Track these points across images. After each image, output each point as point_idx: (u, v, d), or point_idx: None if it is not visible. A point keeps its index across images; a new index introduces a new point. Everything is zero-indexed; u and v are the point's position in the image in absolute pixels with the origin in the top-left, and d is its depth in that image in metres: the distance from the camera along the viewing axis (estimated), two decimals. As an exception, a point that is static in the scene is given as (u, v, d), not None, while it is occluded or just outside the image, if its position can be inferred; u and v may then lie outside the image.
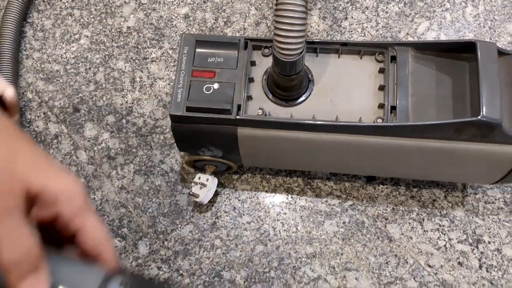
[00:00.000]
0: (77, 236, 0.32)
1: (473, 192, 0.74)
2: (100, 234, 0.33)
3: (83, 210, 0.32)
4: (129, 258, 0.72)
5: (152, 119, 0.80)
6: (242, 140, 0.63)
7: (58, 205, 0.31)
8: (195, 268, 0.71)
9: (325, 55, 0.64)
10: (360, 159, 0.64)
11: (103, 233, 0.33)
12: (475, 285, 0.69)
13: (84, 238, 0.32)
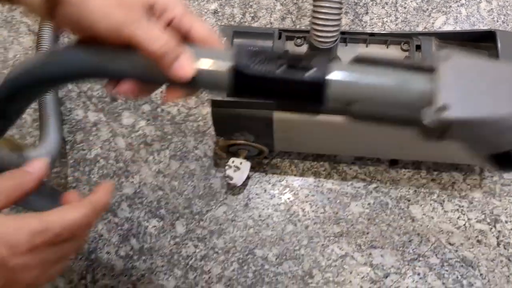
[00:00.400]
0: (191, 32, 0.39)
1: (490, 175, 0.79)
2: (207, 27, 0.40)
3: (188, 12, 0.39)
4: (167, 237, 0.77)
5: (185, 108, 0.84)
6: (277, 123, 0.67)
7: (169, 11, 0.38)
8: (229, 246, 0.76)
9: (354, 44, 0.69)
10: (387, 141, 0.68)
11: (210, 28, 0.40)
12: (494, 262, 0.74)
13: (197, 32, 0.39)
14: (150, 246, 0.76)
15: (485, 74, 0.33)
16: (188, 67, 0.37)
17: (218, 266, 0.75)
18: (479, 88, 0.33)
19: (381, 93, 0.34)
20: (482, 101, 0.32)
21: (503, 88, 0.33)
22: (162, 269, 0.75)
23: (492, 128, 0.33)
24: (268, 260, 0.75)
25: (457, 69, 0.33)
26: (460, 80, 0.33)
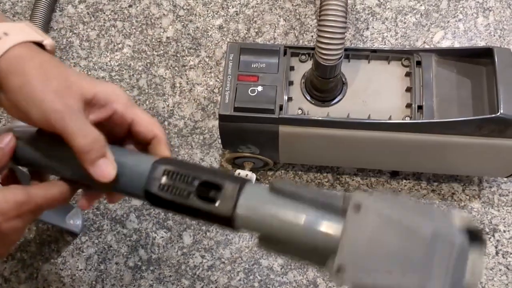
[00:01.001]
0: (132, 125, 0.41)
1: (489, 186, 0.81)
2: (150, 118, 0.41)
3: (131, 104, 0.40)
4: (175, 247, 0.79)
5: (192, 121, 0.87)
6: (283, 137, 0.70)
7: (110, 104, 0.39)
8: (236, 257, 0.78)
9: (356, 60, 0.71)
10: (389, 154, 0.71)
11: (152, 118, 0.41)
12: (493, 270, 0.76)
13: (139, 124, 0.40)
14: (158, 256, 0.78)
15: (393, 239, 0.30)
16: (110, 168, 0.38)
17: (224, 276, 0.77)
18: (383, 253, 0.30)
19: (287, 234, 0.33)
20: (383, 268, 0.30)
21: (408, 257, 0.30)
22: (170, 279, 0.77)
23: None
24: (273, 270, 0.77)
25: (364, 226, 0.31)
26: (364, 240, 0.30)
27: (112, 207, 0.82)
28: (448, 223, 0.31)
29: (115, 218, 0.81)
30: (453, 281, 0.29)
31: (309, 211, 0.33)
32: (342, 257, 0.31)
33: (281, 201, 0.34)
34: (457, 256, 0.30)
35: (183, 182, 0.36)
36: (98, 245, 0.79)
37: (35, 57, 0.37)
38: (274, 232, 0.33)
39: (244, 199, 0.35)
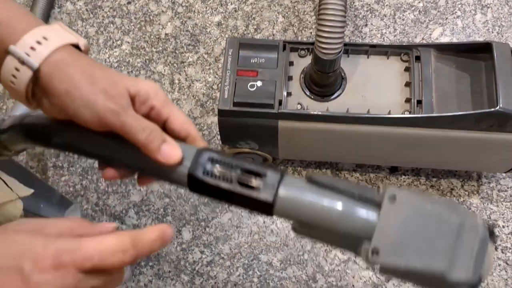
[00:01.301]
0: (168, 123, 0.41)
1: (487, 182, 0.81)
2: (184, 117, 0.41)
3: (168, 102, 0.41)
4: (174, 243, 0.78)
5: (190, 117, 0.87)
6: (282, 132, 0.70)
7: (150, 100, 0.40)
8: (235, 252, 0.78)
9: (356, 55, 0.71)
10: (388, 149, 0.71)
11: (187, 117, 0.42)
12: (492, 266, 0.76)
13: (174, 121, 0.41)
14: (157, 252, 0.78)
15: (425, 226, 0.34)
16: (175, 150, 0.38)
17: (224, 272, 0.76)
18: (416, 238, 0.34)
19: (324, 220, 0.36)
20: (414, 251, 0.33)
21: (438, 242, 0.33)
22: (169, 275, 0.77)
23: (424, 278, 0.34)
24: (272, 265, 0.77)
25: (399, 214, 0.34)
26: (399, 227, 0.34)
27: (111, 203, 0.82)
28: (472, 216, 0.35)
29: (114, 214, 0.81)
30: (476, 262, 0.33)
31: (346, 200, 0.36)
32: (378, 240, 0.34)
33: (319, 190, 0.36)
34: (480, 244, 0.33)
35: (227, 169, 0.38)
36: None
37: (76, 60, 0.38)
38: (312, 217, 0.36)
39: (285, 187, 0.36)
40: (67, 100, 0.37)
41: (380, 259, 0.33)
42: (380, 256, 0.33)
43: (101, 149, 0.41)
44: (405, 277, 0.35)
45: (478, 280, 0.34)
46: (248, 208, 0.38)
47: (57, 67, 0.37)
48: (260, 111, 0.67)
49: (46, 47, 0.37)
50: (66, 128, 0.41)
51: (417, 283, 0.36)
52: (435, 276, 0.33)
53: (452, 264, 0.33)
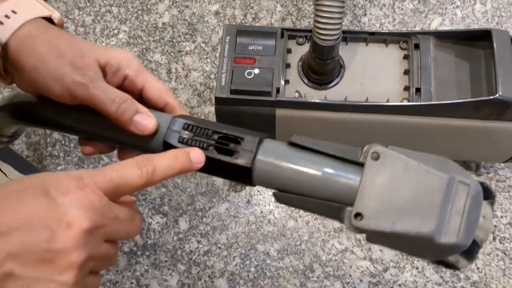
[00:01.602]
0: (143, 92, 0.40)
1: (486, 172, 0.81)
2: (161, 85, 0.40)
3: (142, 70, 0.40)
4: (171, 233, 0.78)
5: (188, 107, 0.86)
6: (280, 120, 0.69)
7: (122, 70, 0.39)
8: (232, 242, 0.77)
9: (354, 43, 0.71)
10: (387, 138, 0.70)
11: (163, 85, 0.40)
12: (490, 256, 0.76)
13: (150, 90, 0.40)
14: (153, 242, 0.77)
15: (411, 183, 0.31)
16: (148, 120, 0.37)
17: (221, 261, 0.76)
18: (401, 198, 0.31)
19: (304, 185, 0.34)
20: (400, 213, 0.31)
21: (425, 200, 0.30)
22: (165, 264, 0.76)
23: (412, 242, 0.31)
24: (270, 255, 0.76)
25: (383, 172, 0.31)
26: (383, 186, 0.31)
27: (107, 192, 0.81)
28: (462, 170, 0.32)
29: (110, 203, 0.80)
30: (468, 223, 0.30)
31: (328, 163, 0.33)
32: (361, 204, 0.31)
33: (300, 154, 0.34)
34: (472, 202, 0.30)
35: (202, 135, 0.36)
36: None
37: (43, 33, 0.37)
38: (293, 183, 0.34)
39: (263, 152, 0.35)
40: (36, 75, 0.36)
41: (364, 224, 0.31)
42: (363, 221, 0.31)
43: (77, 124, 0.40)
44: (392, 243, 0.32)
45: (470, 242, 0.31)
46: (228, 176, 0.37)
47: (24, 41, 0.36)
48: (257, 99, 0.66)
49: (15, 21, 0.36)
50: (44, 104, 0.40)
51: (405, 249, 0.33)
52: (423, 239, 0.30)
53: (441, 225, 0.30)
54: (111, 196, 0.32)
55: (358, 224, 0.31)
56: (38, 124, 0.43)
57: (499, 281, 0.74)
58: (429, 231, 0.30)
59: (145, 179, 0.32)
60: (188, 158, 0.35)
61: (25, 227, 0.28)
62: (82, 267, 0.30)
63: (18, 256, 0.28)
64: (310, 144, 0.35)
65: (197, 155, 0.35)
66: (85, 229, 0.29)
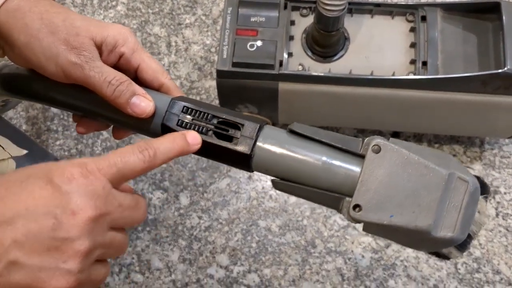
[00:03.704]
0: (138, 71, 0.39)
1: (490, 148, 0.80)
2: (156, 65, 0.39)
3: (139, 48, 0.38)
4: (171, 208, 0.77)
5: (188, 81, 0.84)
6: (283, 94, 0.68)
7: (118, 48, 0.37)
8: (233, 217, 0.77)
9: (359, 15, 0.69)
10: (391, 112, 0.69)
11: (159, 65, 0.39)
12: (492, 232, 0.75)
13: (145, 70, 0.38)
14: (154, 217, 0.77)
15: (411, 177, 0.31)
16: (146, 103, 0.36)
17: (222, 237, 0.76)
18: (400, 191, 0.31)
19: (303, 174, 0.34)
20: (398, 206, 0.31)
21: (424, 195, 0.31)
22: (166, 240, 0.76)
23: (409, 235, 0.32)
24: (271, 230, 0.76)
25: (383, 166, 0.31)
26: (382, 179, 0.31)
27: (107, 167, 0.80)
28: (462, 168, 0.32)
29: (110, 178, 0.79)
30: (464, 218, 0.31)
31: (328, 153, 0.33)
32: (360, 195, 0.31)
33: (300, 143, 0.34)
34: (469, 198, 0.31)
35: (202, 119, 0.36)
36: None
37: (34, 6, 0.35)
38: (292, 171, 0.33)
39: (263, 139, 0.34)
40: (28, 52, 0.35)
41: (362, 216, 0.31)
42: (362, 212, 0.31)
43: (71, 101, 0.39)
44: (389, 234, 0.33)
45: (465, 237, 0.31)
46: (226, 161, 0.37)
47: (13, 15, 0.35)
48: (260, 72, 0.65)
49: None
50: (35, 78, 0.38)
51: (401, 240, 0.33)
52: (420, 233, 0.31)
53: (438, 220, 0.30)
54: (115, 181, 0.31)
55: (357, 215, 0.32)
56: (28, 97, 0.42)
57: (501, 257, 0.74)
58: (427, 225, 0.30)
59: (147, 162, 0.32)
60: (185, 140, 0.35)
61: (29, 215, 0.28)
62: (88, 255, 0.29)
63: (23, 244, 0.28)
64: (310, 132, 0.34)
65: (194, 137, 0.35)
66: (90, 217, 0.29)
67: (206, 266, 0.74)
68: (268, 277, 0.73)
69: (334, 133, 0.34)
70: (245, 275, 0.74)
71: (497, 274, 0.73)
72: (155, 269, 0.74)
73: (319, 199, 0.34)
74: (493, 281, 0.73)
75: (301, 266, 0.74)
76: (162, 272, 0.74)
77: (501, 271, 0.73)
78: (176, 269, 0.74)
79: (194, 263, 0.74)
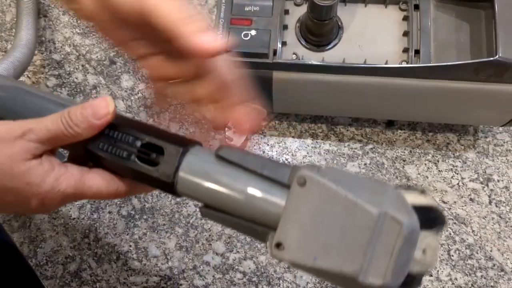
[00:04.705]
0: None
1: (484, 136, 0.81)
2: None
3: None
4: (168, 197, 0.78)
5: (184, 71, 0.85)
6: (277, 83, 0.68)
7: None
8: (229, 206, 0.78)
9: (353, 4, 0.69)
10: (385, 101, 0.69)
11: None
12: (485, 219, 0.76)
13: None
14: (151, 205, 0.78)
15: (338, 216, 0.28)
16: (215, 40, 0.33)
17: (218, 225, 0.77)
18: (326, 231, 0.28)
19: (228, 204, 0.31)
20: (323, 248, 0.28)
21: (351, 237, 0.27)
22: (163, 228, 0.77)
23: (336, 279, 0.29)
24: (267, 218, 0.77)
25: (308, 201, 0.28)
26: (307, 217, 0.28)
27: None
28: (400, 201, 0.29)
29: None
30: (398, 264, 0.27)
31: (253, 183, 0.31)
32: (282, 233, 0.29)
33: (225, 170, 0.32)
34: (404, 239, 0.27)
35: (124, 142, 0.34)
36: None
37: None
38: (216, 201, 0.32)
39: (186, 165, 0.32)
40: None
41: (285, 255, 0.29)
42: (284, 252, 0.29)
43: None
44: (318, 275, 0.30)
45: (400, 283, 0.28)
46: (153, 186, 0.34)
47: None
48: (254, 61, 0.66)
49: None
50: None
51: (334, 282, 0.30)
52: (347, 278, 0.28)
53: (367, 265, 0.27)
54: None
55: (279, 254, 0.29)
56: None
57: (494, 244, 0.75)
58: (352, 270, 0.27)
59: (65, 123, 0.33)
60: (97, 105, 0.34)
61: None
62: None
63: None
64: (237, 159, 0.31)
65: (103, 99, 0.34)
66: None
67: (202, 254, 0.75)
68: (263, 264, 0.74)
69: (265, 159, 0.32)
70: (241, 262, 0.75)
71: (489, 260, 0.74)
72: (152, 257, 0.75)
73: (246, 230, 0.32)
74: (486, 267, 0.73)
75: (296, 253, 0.75)
76: (159, 259, 0.75)
77: (494, 257, 0.74)
78: (173, 256, 0.75)
79: (191, 250, 0.75)
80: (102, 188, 0.35)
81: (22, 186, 0.33)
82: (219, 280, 0.74)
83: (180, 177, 0.32)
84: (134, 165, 0.33)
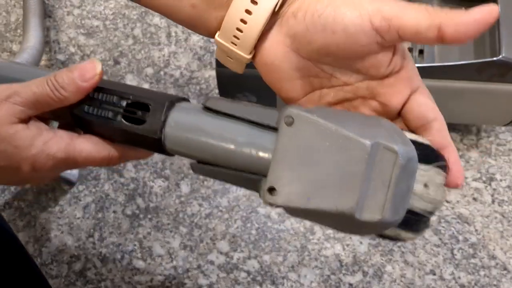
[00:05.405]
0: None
1: (486, 136, 0.81)
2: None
3: None
4: (172, 196, 0.79)
5: (188, 71, 0.85)
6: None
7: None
8: (233, 205, 0.78)
9: None
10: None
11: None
12: (488, 218, 0.77)
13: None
14: (155, 205, 0.78)
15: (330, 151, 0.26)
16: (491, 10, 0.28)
17: (222, 224, 0.77)
18: (318, 169, 0.27)
19: (218, 155, 0.30)
20: (317, 187, 0.27)
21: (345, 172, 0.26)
22: (168, 227, 0.77)
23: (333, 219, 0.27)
24: (270, 217, 0.77)
25: (297, 140, 0.27)
26: (298, 156, 0.27)
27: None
28: (395, 132, 0.27)
29: (112, 167, 0.81)
30: (396, 196, 0.26)
31: (242, 130, 0.30)
32: (274, 177, 0.28)
33: (212, 120, 0.31)
34: (401, 168, 0.26)
35: (110, 103, 0.33)
36: (95, 194, 0.79)
37: None
38: (206, 154, 0.31)
39: (173, 119, 0.31)
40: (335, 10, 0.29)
41: (277, 200, 0.27)
42: (277, 196, 0.27)
43: None
44: (314, 218, 0.29)
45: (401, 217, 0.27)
46: (142, 147, 0.34)
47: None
48: (258, 61, 0.66)
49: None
50: None
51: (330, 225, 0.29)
52: (344, 216, 0.26)
53: (363, 200, 0.26)
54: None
55: (271, 199, 0.28)
56: None
57: (497, 243, 0.75)
58: (348, 207, 0.26)
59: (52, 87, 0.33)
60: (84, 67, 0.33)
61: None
62: None
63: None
64: (225, 108, 0.30)
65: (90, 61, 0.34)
66: None
67: (206, 253, 0.75)
68: (267, 263, 0.75)
69: (253, 105, 0.30)
70: (245, 261, 0.75)
71: (492, 259, 0.74)
72: (157, 256, 0.75)
73: (239, 181, 0.31)
74: (489, 266, 0.74)
75: (300, 252, 0.75)
76: (163, 258, 0.75)
77: (497, 256, 0.74)
78: (177, 255, 0.75)
79: (195, 249, 0.76)
80: (94, 153, 0.34)
81: (11, 149, 0.32)
82: (223, 279, 0.74)
83: (167, 133, 0.31)
84: (121, 125, 0.32)
